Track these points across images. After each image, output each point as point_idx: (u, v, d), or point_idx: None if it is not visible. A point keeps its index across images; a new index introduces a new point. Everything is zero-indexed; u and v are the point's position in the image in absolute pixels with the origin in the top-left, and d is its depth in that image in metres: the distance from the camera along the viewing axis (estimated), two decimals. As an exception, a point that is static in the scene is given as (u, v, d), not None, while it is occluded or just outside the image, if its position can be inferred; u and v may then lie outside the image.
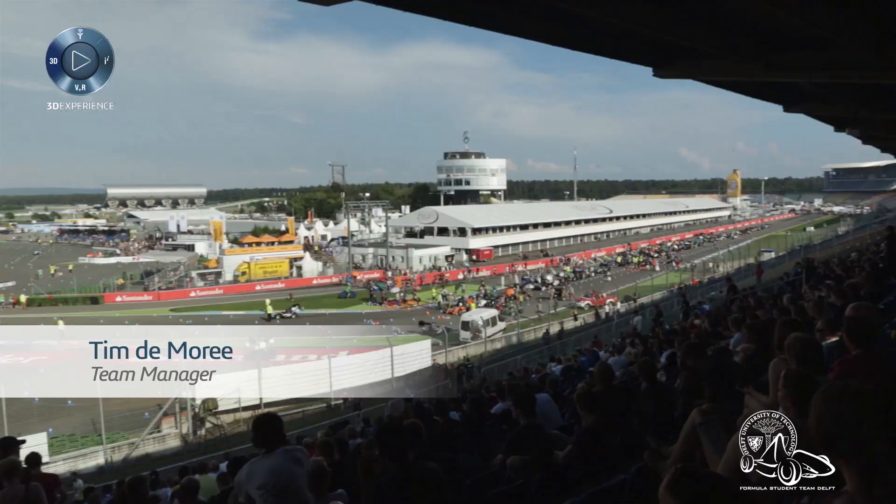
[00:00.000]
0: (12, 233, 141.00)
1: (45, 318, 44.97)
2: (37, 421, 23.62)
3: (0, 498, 6.20)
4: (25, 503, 6.15)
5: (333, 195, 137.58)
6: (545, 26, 8.05)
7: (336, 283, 60.16)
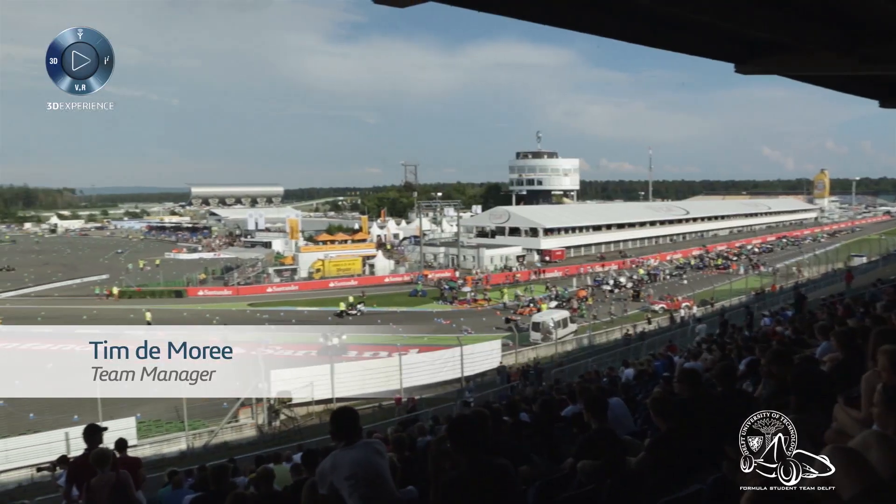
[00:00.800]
0: (106, 229, 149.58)
1: (134, 309, 47.49)
2: (126, 406, 24.92)
3: (94, 484, 6.63)
4: (116, 489, 6.61)
5: (406, 194, 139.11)
6: (626, 24, 7.88)
7: (407, 281, 60.81)
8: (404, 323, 42.34)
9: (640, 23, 7.92)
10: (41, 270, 73.45)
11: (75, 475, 7.64)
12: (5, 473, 20.16)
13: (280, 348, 35.82)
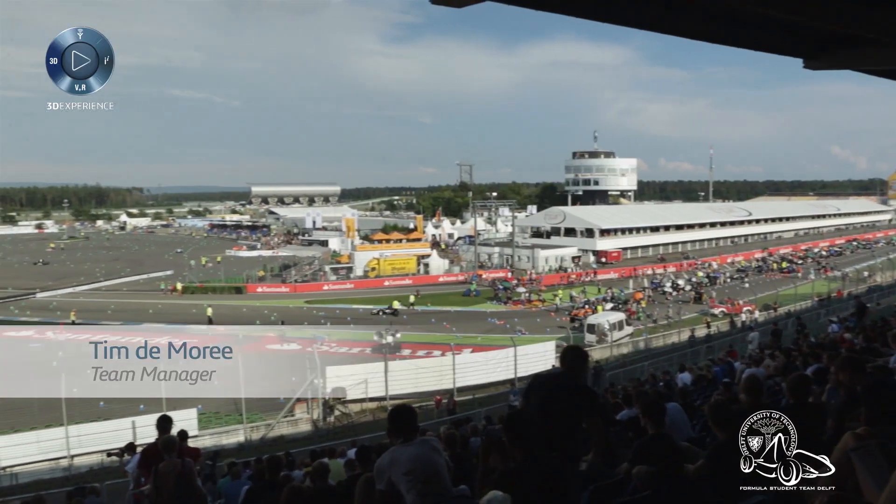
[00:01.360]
0: (171, 226, 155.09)
1: (196, 304, 49.05)
2: (189, 397, 25.75)
3: (161, 469, 7.17)
4: (181, 476, 7.15)
5: (461, 194, 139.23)
6: (688, 20, 7.66)
7: (461, 281, 60.88)
8: (458, 322, 42.44)
9: (703, 19, 7.70)
10: (111, 266, 76.68)
11: (146, 460, 8.31)
12: (78, 457, 21.10)
13: (335, 345, 36.49)
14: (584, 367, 4.82)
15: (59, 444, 21.17)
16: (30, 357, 35.10)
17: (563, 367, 4.77)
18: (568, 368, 4.75)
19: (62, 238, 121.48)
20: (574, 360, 4.76)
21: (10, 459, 20.70)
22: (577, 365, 4.77)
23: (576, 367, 4.75)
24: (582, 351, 4.96)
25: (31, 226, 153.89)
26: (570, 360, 4.76)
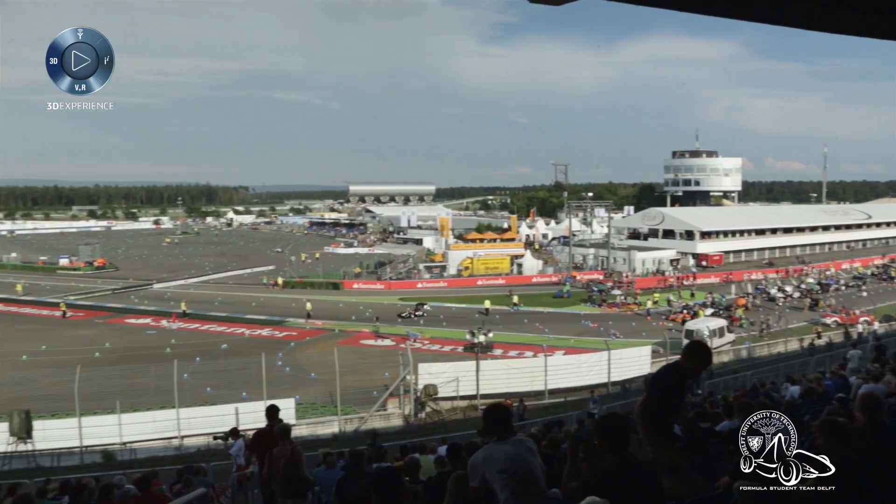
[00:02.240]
0: (274, 223, 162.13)
1: (296, 298, 51.00)
2: (288, 388, 26.86)
3: (275, 453, 8.02)
4: (290, 460, 7.92)
5: (556, 194, 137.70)
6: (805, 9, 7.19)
7: (555, 282, 60.13)
8: (551, 324, 41.94)
9: (824, 6, 7.19)
10: (218, 260, 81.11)
11: (256, 444, 9.20)
12: (187, 438, 22.45)
13: (428, 342, 36.97)
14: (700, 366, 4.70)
15: (171, 425, 22.59)
16: (146, 343, 37.78)
17: (682, 362, 4.62)
18: (686, 364, 4.58)
19: (176, 233, 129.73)
20: (693, 358, 4.57)
21: (130, 436, 22.33)
22: (695, 364, 4.61)
23: (693, 365, 4.59)
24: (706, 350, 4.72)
25: (149, 222, 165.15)
26: (688, 356, 4.61)
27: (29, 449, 20.69)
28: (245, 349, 34.49)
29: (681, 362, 4.56)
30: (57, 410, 23.31)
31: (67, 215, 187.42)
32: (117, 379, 25.85)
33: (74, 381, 21.92)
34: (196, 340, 38.09)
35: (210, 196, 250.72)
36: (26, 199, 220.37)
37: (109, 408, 22.85)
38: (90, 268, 72.42)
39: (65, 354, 34.14)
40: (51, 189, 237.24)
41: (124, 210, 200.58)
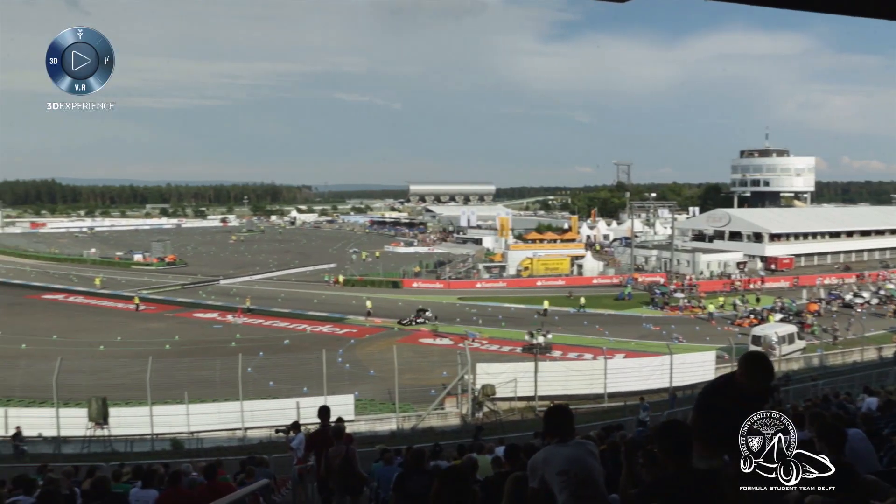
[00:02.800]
0: (335, 222, 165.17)
1: (356, 296, 51.78)
2: (347, 384, 27.31)
3: (331, 452, 8.50)
4: (345, 459, 8.36)
5: (617, 194, 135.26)
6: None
7: (616, 283, 59.12)
8: (611, 326, 41.24)
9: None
10: (282, 258, 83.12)
11: (312, 443, 9.71)
12: (250, 430, 23.11)
13: (486, 342, 36.93)
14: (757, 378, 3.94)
15: (235, 416, 23.28)
16: (213, 336, 39.06)
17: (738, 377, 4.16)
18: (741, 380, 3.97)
19: (242, 231, 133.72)
20: (748, 374, 3.93)
21: (197, 426, 23.15)
22: (752, 381, 3.92)
23: (750, 382, 3.93)
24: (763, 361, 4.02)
25: (217, 220, 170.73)
26: (743, 371, 3.99)
27: (105, 434, 21.74)
28: (306, 345, 35.24)
29: (736, 377, 3.96)
30: (131, 399, 24.37)
31: (141, 213, 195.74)
32: (186, 371, 26.81)
33: (147, 371, 22.85)
34: (259, 335, 39.15)
35: (275, 195, 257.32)
36: (104, 197, 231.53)
37: (178, 398, 23.73)
38: (161, 264, 75.45)
39: (138, 346, 35.66)
40: (127, 188, 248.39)
41: (194, 208, 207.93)
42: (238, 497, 7.48)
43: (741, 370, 3.90)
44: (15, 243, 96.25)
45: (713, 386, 4.18)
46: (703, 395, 4.22)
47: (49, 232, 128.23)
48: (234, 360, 24.20)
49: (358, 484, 8.82)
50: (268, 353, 31.75)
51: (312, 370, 24.92)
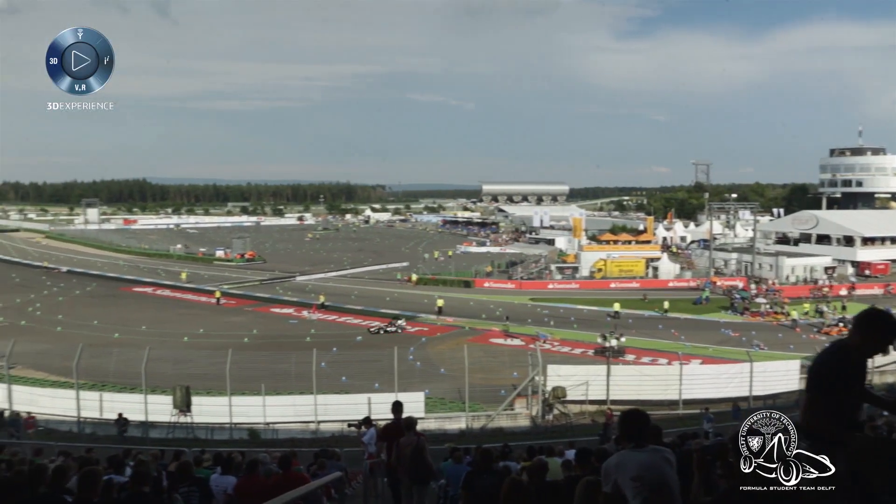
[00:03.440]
0: (408, 221, 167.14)
1: (428, 294, 52.23)
2: (418, 381, 27.60)
3: (402, 442, 8.91)
4: (416, 450, 8.71)
5: (696, 195, 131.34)
6: None
7: (693, 287, 57.31)
8: (687, 331, 40.01)
9: None
10: (356, 256, 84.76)
11: (385, 435, 10.08)
12: (323, 424, 23.70)
13: (558, 344, 36.53)
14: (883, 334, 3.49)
15: (309, 409, 23.92)
16: (289, 331, 40.25)
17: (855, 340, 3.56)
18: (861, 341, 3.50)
19: (318, 229, 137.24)
20: (871, 331, 3.47)
21: (272, 417, 23.94)
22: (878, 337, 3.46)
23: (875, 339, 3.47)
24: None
25: (294, 218, 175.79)
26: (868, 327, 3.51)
27: (188, 421, 22.80)
28: (378, 342, 35.82)
29: (852, 341, 3.53)
30: (211, 388, 25.40)
31: (223, 211, 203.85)
32: (263, 363, 27.71)
33: (226, 363, 23.79)
34: (333, 331, 40.06)
35: (349, 194, 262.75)
36: (190, 196, 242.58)
37: (255, 390, 24.57)
38: (241, 260, 78.36)
39: (219, 338, 37.15)
40: (210, 187, 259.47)
41: (272, 207, 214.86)
42: (314, 488, 7.70)
43: (863, 330, 3.50)
44: (110, 239, 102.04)
45: (833, 358, 3.63)
46: (823, 370, 3.65)
47: (140, 228, 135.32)
48: (308, 354, 24.85)
49: (427, 474, 9.04)
50: (341, 349, 32.44)
51: (384, 367, 25.29)
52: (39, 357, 30.35)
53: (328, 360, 28.68)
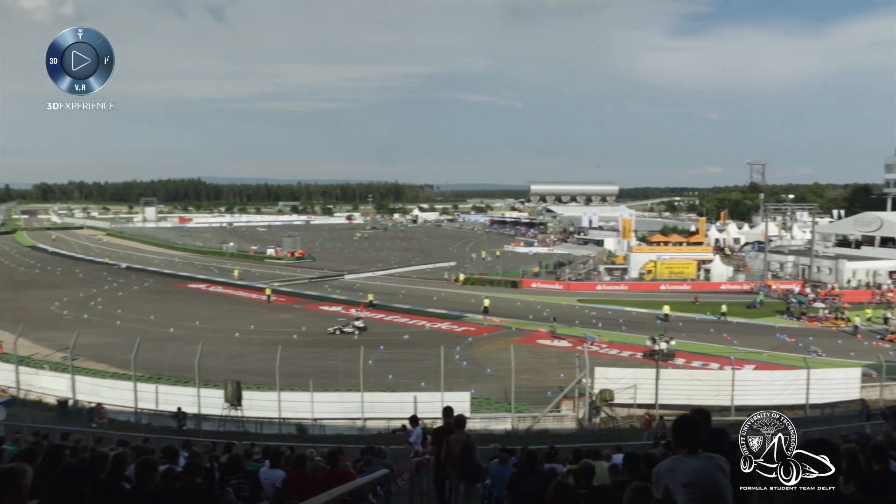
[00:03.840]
0: (456, 221, 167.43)
1: (474, 294, 52.19)
2: (464, 381, 27.62)
3: (451, 439, 9.14)
4: (465, 448, 8.90)
5: (750, 196, 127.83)
6: None
7: (746, 290, 55.77)
8: (740, 335, 38.95)
9: None
10: (404, 255, 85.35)
11: (435, 435, 10.27)
12: (369, 421, 23.95)
13: (605, 346, 36.05)
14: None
15: (356, 406, 24.20)
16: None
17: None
18: None
19: (366, 228, 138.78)
20: None
21: (320, 413, 24.31)
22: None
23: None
24: None
25: (343, 217, 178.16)
26: None
27: (238, 415, 23.35)
28: (425, 341, 35.97)
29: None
30: (261, 384, 25.94)
31: (274, 210, 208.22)
32: (311, 360, 28.14)
33: (276, 359, 24.27)
34: (380, 330, 40.40)
35: (398, 193, 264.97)
36: (242, 195, 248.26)
37: (304, 386, 24.98)
38: (291, 258, 79.83)
39: (269, 334, 37.92)
40: (262, 187, 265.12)
41: (322, 206, 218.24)
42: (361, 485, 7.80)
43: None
44: (166, 236, 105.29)
45: None
46: None
47: (194, 226, 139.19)
48: (356, 352, 25.14)
49: (476, 473, 9.12)
50: (388, 348, 32.71)
51: (430, 366, 25.38)
52: (100, 349, 31.52)
53: (375, 358, 28.94)
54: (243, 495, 6.95)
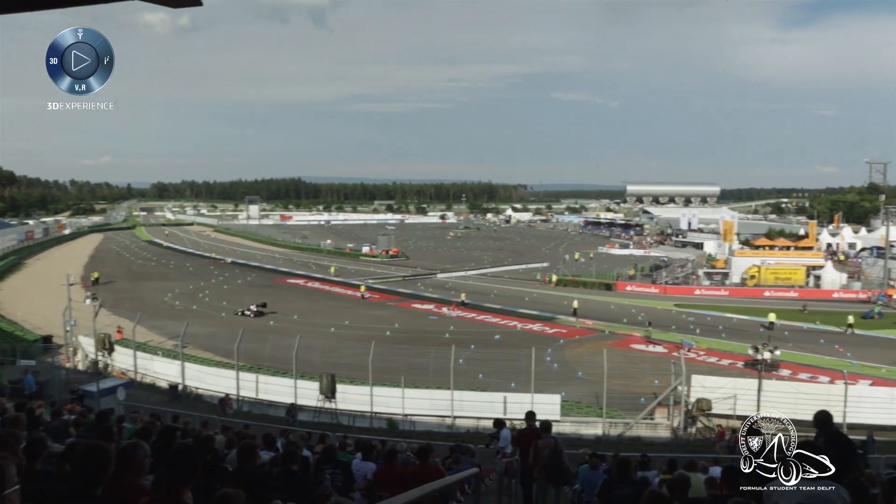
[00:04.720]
0: (549, 221, 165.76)
1: (567, 296, 51.46)
2: (554, 383, 27.31)
3: (539, 444, 9.20)
4: (553, 452, 9.01)
5: (869, 197, 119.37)
6: None
7: (863, 299, 52.01)
8: (854, 347, 36.38)
9: None
10: (496, 255, 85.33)
11: (520, 438, 10.38)
12: (458, 419, 24.12)
13: (703, 353, 34.63)
14: None
15: (446, 404, 24.42)
16: (429, 326, 41.27)
17: None
18: None
19: (459, 228, 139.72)
20: None
21: (410, 409, 24.73)
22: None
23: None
24: None
25: (436, 216, 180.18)
26: None
27: (332, 407, 24.12)
28: (516, 341, 35.80)
29: None
30: (354, 378, 26.64)
31: (370, 209, 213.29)
32: (403, 357, 28.60)
33: (369, 354, 24.87)
34: (472, 329, 40.57)
35: (491, 193, 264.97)
36: (339, 194, 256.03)
37: (395, 382, 25.47)
38: (386, 256, 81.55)
39: (363, 330, 38.89)
40: (358, 186, 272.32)
41: (416, 205, 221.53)
42: (452, 482, 7.89)
43: None
44: (268, 234, 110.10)
45: None
46: None
47: (294, 224, 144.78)
48: (447, 350, 25.37)
49: (564, 476, 9.09)
50: (479, 347, 32.79)
51: (521, 367, 25.24)
52: (207, 339, 33.36)
53: (466, 357, 29.08)
54: (337, 485, 7.17)
